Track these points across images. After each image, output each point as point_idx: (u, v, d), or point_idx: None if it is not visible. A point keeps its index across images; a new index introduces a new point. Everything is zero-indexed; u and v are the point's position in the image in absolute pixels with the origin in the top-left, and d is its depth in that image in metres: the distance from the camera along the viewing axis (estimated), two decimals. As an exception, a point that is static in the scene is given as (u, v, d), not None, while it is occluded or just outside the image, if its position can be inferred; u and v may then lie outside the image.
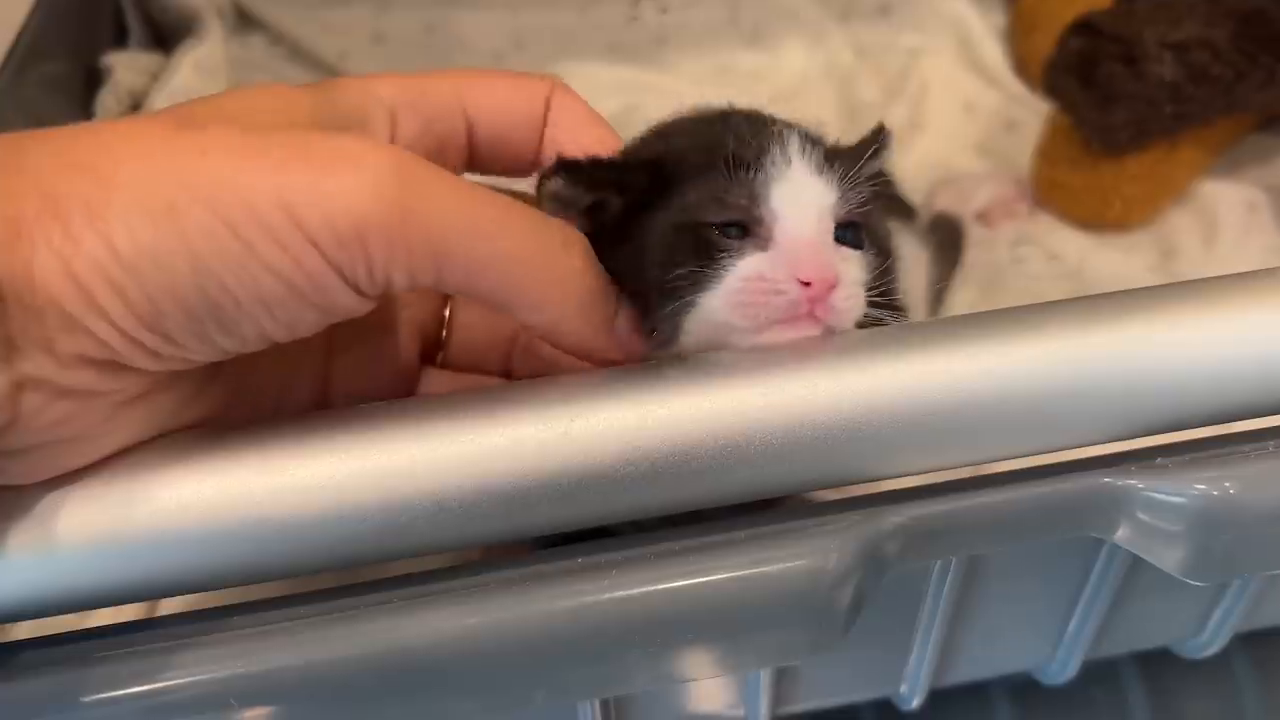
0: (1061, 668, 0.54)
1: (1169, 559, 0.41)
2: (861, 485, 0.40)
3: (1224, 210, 0.79)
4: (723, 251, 0.42)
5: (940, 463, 0.39)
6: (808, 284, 0.40)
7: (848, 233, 0.44)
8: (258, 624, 0.37)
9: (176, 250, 0.32)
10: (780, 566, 0.38)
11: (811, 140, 0.45)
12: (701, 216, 0.43)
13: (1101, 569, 0.48)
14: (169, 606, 0.46)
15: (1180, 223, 0.79)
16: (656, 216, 0.43)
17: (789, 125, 0.46)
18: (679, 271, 0.41)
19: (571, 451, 0.37)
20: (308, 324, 0.36)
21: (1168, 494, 0.40)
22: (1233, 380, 0.39)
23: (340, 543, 0.36)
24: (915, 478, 0.40)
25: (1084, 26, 0.76)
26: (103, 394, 0.34)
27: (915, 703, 0.54)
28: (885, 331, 0.40)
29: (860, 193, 0.44)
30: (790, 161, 0.43)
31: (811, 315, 0.41)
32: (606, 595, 0.37)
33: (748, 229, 0.42)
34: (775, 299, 0.41)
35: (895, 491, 0.40)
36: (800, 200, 0.43)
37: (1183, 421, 0.40)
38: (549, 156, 0.45)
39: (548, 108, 0.45)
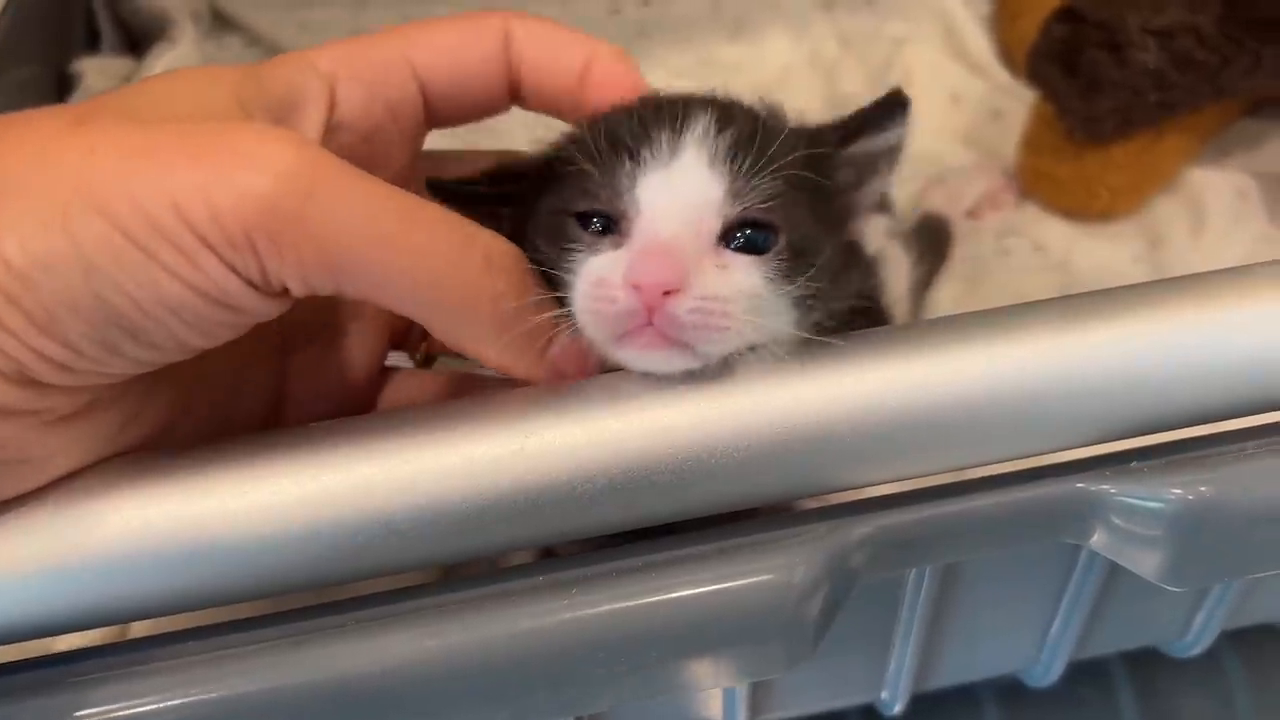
0: (1046, 670, 0.53)
1: (1146, 565, 0.40)
2: (829, 495, 0.40)
3: (1212, 198, 0.77)
4: (574, 244, 0.38)
5: (908, 471, 0.38)
6: (640, 289, 0.35)
7: (747, 235, 0.38)
8: (212, 649, 0.37)
9: (70, 258, 0.30)
10: (745, 582, 0.37)
11: (738, 127, 0.39)
12: (565, 205, 0.39)
13: (1082, 572, 0.47)
14: (139, 630, 0.45)
15: (1168, 211, 0.78)
16: (539, 210, 0.41)
17: (718, 108, 0.40)
18: (544, 269, 0.38)
19: (527, 469, 0.36)
20: (224, 327, 0.34)
21: (1143, 499, 0.39)
22: (1208, 381, 0.38)
23: (291, 567, 0.36)
24: (883, 487, 0.40)
25: (1067, 13, 0.75)
26: (29, 413, 0.33)
27: (897, 708, 0.53)
28: (850, 339, 0.39)
29: (769, 188, 0.38)
30: (677, 150, 0.38)
31: (658, 331, 0.35)
32: (568, 615, 0.36)
33: (613, 223, 0.38)
34: (610, 307, 0.36)
35: (862, 501, 0.39)
36: (672, 193, 0.38)
37: (1157, 424, 0.39)
38: (529, 95, 0.43)
39: (510, 43, 0.42)
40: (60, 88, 0.82)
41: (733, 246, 0.38)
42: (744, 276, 0.37)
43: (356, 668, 0.36)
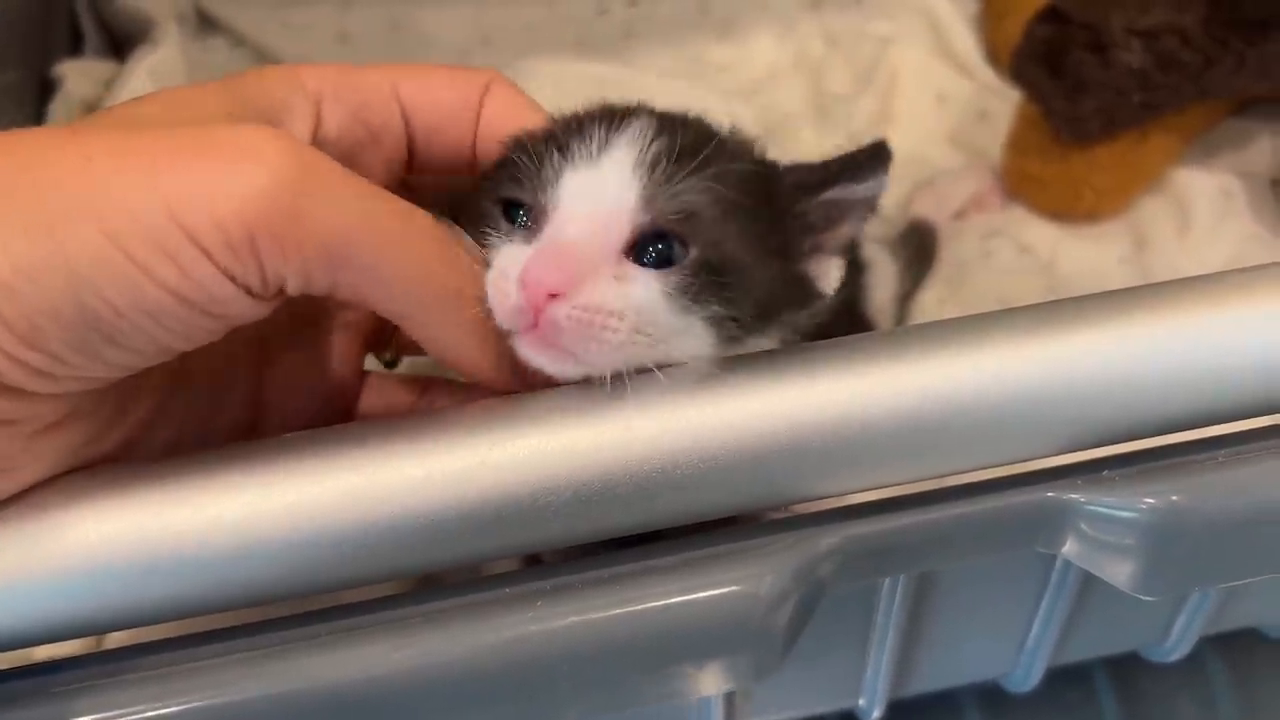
0: (1025, 676, 0.53)
1: (1118, 574, 0.40)
2: (797, 506, 0.39)
3: (1198, 198, 0.77)
4: (496, 232, 0.38)
5: (876, 482, 0.38)
6: (526, 287, 0.35)
7: (656, 247, 0.37)
8: (181, 661, 0.36)
9: (57, 268, 0.30)
10: (712, 593, 0.37)
11: (676, 138, 0.38)
12: (495, 192, 0.39)
13: (1058, 579, 0.47)
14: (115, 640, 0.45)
15: (1153, 212, 0.78)
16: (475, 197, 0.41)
17: (665, 119, 0.40)
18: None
19: (490, 481, 0.36)
20: (204, 331, 0.34)
21: (1114, 507, 0.39)
22: (1179, 389, 0.38)
23: (254, 580, 0.35)
24: (852, 496, 0.39)
25: (1051, 13, 0.75)
26: (16, 422, 0.33)
27: (875, 714, 0.53)
28: (817, 347, 0.39)
29: (687, 202, 0.37)
30: (606, 150, 0.38)
31: (541, 332, 0.35)
32: (533, 627, 0.36)
33: (533, 216, 0.38)
34: (505, 301, 0.36)
35: (831, 511, 0.39)
36: (589, 194, 0.37)
37: (1128, 433, 0.39)
38: (484, 146, 0.43)
39: (484, 100, 0.43)
40: (43, 93, 0.82)
41: (645, 260, 0.37)
42: (640, 290, 0.37)
43: (324, 678, 0.35)
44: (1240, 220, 0.77)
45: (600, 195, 0.37)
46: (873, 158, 0.41)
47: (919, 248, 0.76)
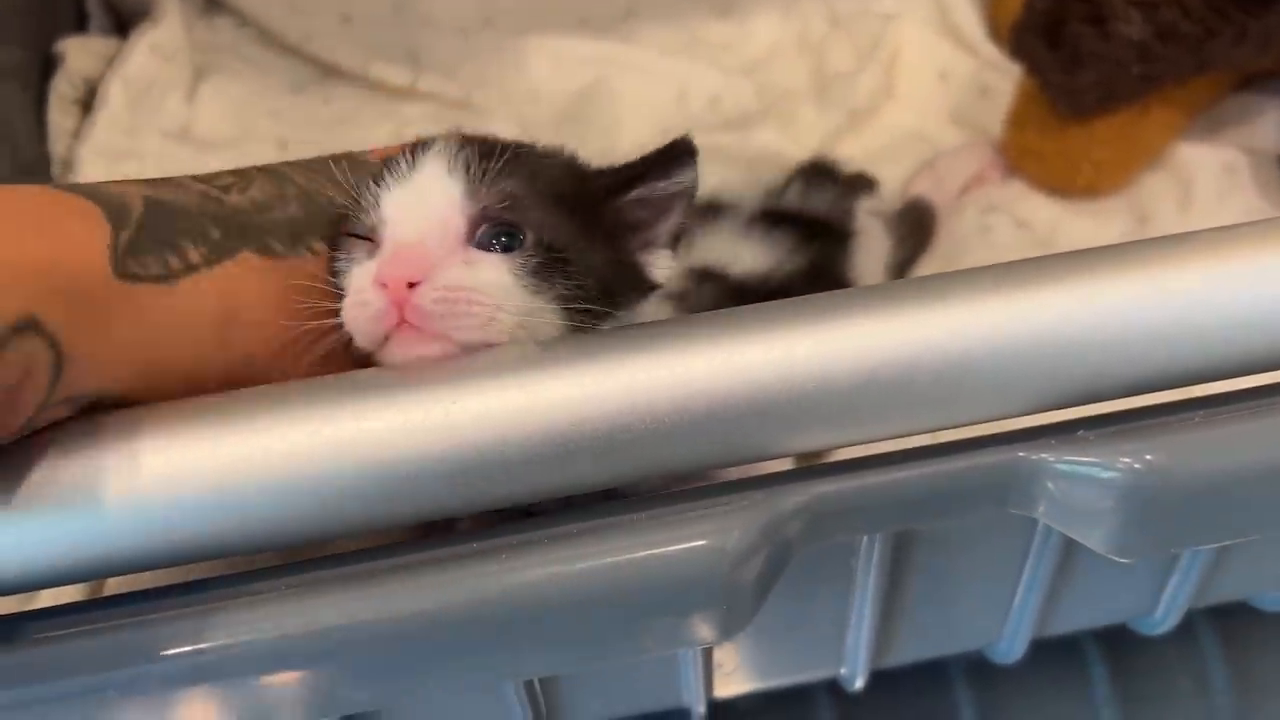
0: (1009, 647, 0.53)
1: (1094, 536, 0.39)
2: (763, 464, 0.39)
3: (1200, 173, 0.76)
4: (344, 259, 0.42)
5: (841, 440, 0.38)
6: (385, 285, 0.38)
7: (498, 237, 0.40)
8: (146, 613, 0.37)
9: None
10: (679, 547, 0.37)
11: (478, 146, 0.42)
12: (342, 229, 0.43)
13: (1039, 545, 0.47)
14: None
15: (1155, 187, 0.77)
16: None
17: (464, 136, 0.44)
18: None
19: (453, 436, 0.36)
20: None
21: (1089, 468, 0.38)
22: (1155, 348, 0.38)
23: (218, 533, 0.36)
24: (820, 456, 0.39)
25: (1052, -14, 0.74)
26: None
27: (858, 683, 0.52)
28: (787, 303, 0.38)
29: (507, 189, 0.41)
30: (418, 166, 0.41)
31: (411, 326, 0.38)
32: (499, 580, 0.36)
33: (371, 239, 0.42)
34: (366, 311, 0.39)
35: (799, 470, 0.39)
36: (413, 201, 0.41)
37: (1101, 392, 0.39)
38: None
39: None
40: (46, 70, 0.83)
41: (490, 247, 0.40)
42: (490, 270, 0.40)
43: (286, 629, 0.36)
44: (1244, 196, 0.76)
45: (423, 200, 0.41)
46: (674, 155, 0.43)
47: (915, 227, 0.76)
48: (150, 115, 0.84)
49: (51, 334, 0.36)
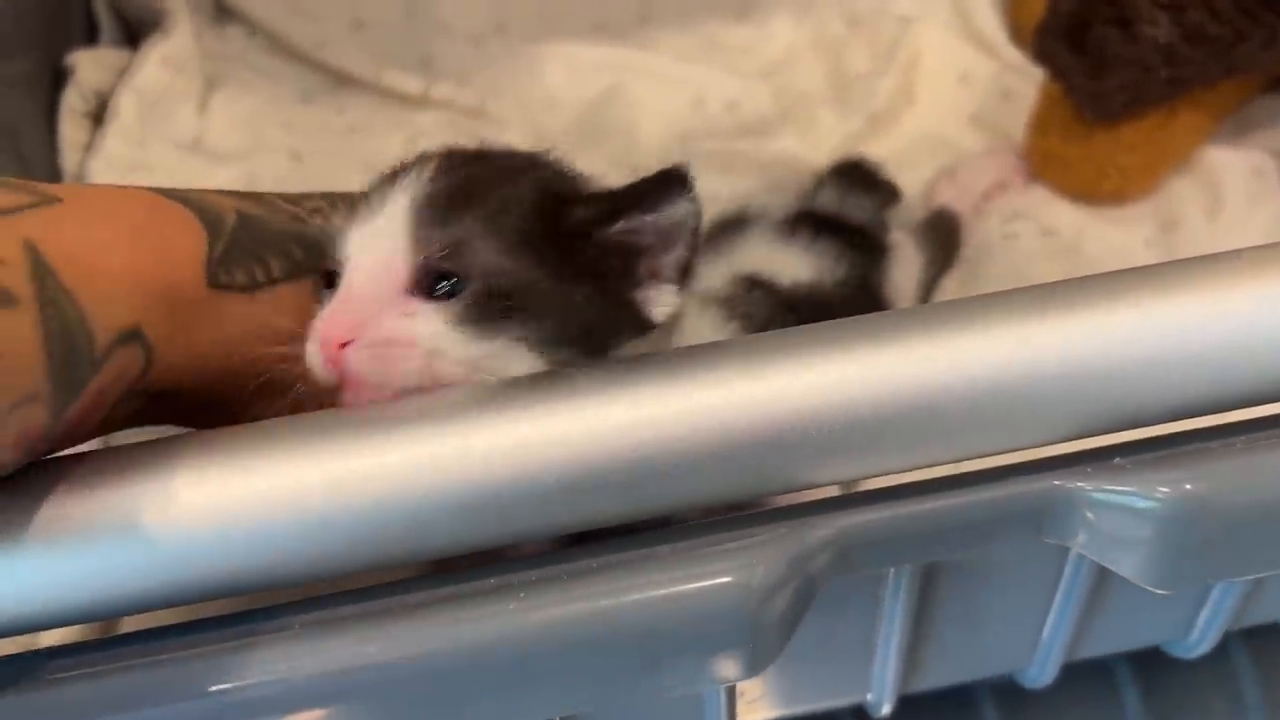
0: (1040, 671, 0.51)
1: (1130, 567, 0.38)
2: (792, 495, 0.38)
3: (1229, 178, 0.75)
4: (320, 304, 0.41)
5: (872, 470, 0.37)
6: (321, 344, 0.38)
7: (438, 281, 0.39)
8: (155, 652, 0.36)
9: None
10: (703, 585, 0.36)
11: (452, 177, 0.41)
12: (323, 265, 0.42)
13: (1071, 572, 0.45)
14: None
15: (1182, 192, 0.75)
16: None
17: (448, 160, 0.42)
18: None
19: (473, 469, 0.35)
20: None
21: (1126, 497, 0.37)
22: (1195, 373, 0.36)
23: (231, 570, 0.35)
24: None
25: (1076, -12, 0.72)
26: None
27: (885, 709, 0.51)
28: (814, 329, 0.37)
29: (458, 235, 0.39)
30: (385, 203, 0.40)
31: (351, 382, 0.38)
32: (515, 619, 0.35)
33: (338, 278, 0.41)
34: (314, 362, 0.39)
35: (827, 501, 0.38)
36: (367, 245, 0.40)
37: (1140, 418, 0.37)
38: None
39: None
40: (57, 82, 0.82)
41: (437, 294, 0.39)
42: (426, 320, 0.39)
43: (298, 670, 0.35)
44: (1274, 201, 0.74)
45: (373, 245, 0.40)
46: (663, 187, 0.40)
47: (942, 238, 0.74)
48: (162, 127, 0.83)
49: (148, 341, 0.38)
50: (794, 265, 0.61)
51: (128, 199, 0.41)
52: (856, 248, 0.63)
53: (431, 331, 0.39)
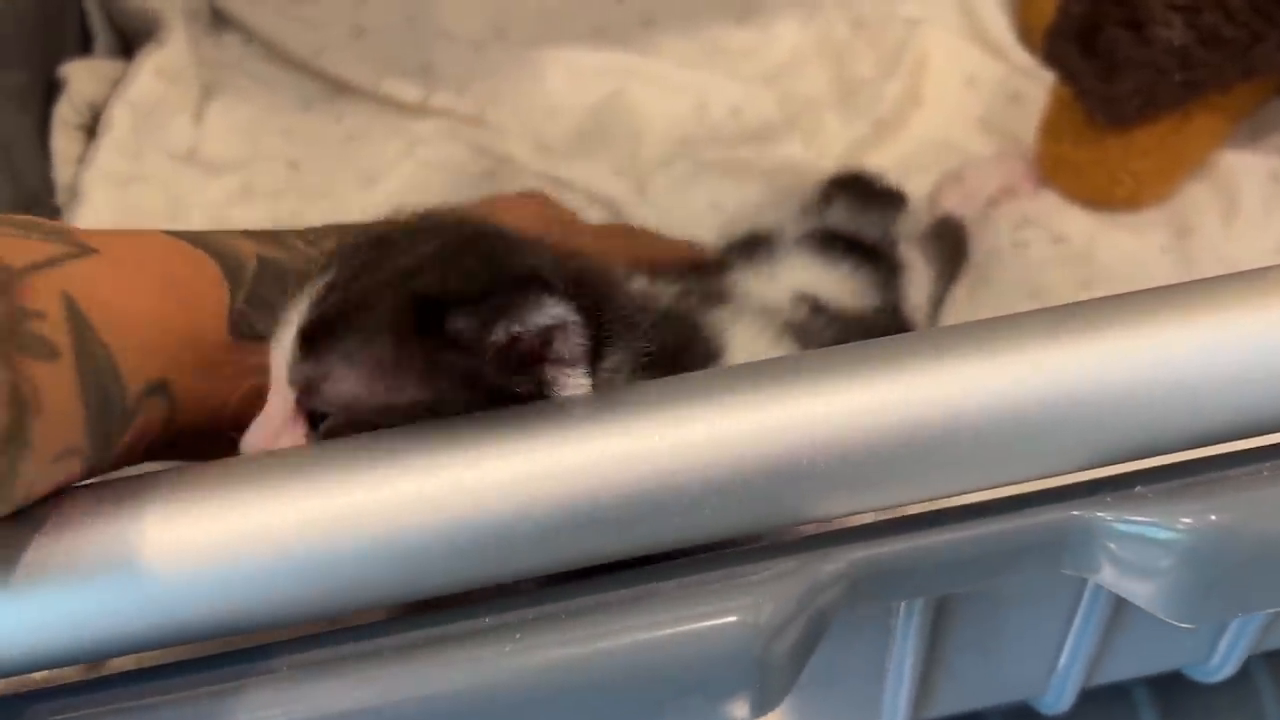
0: (1056, 699, 0.50)
1: (1152, 599, 0.37)
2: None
3: (1245, 182, 0.73)
4: None
5: (881, 503, 0.35)
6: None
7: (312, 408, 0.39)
8: (150, 693, 0.35)
9: None
10: (708, 624, 0.34)
11: (335, 297, 0.39)
12: None
13: (1090, 599, 0.44)
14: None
15: (1197, 198, 0.74)
16: None
17: (349, 265, 0.41)
18: None
19: (466, 504, 0.33)
20: None
21: (1147, 528, 0.36)
22: (1219, 397, 0.35)
23: (215, 611, 0.33)
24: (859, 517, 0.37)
25: (1087, -11, 0.71)
26: None
27: (897, 738, 0.50)
28: (815, 355, 0.36)
29: (316, 373, 0.39)
30: (289, 318, 0.40)
31: None
32: (512, 662, 0.34)
33: None
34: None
35: (836, 533, 0.36)
36: (275, 365, 0.40)
37: (1161, 446, 0.36)
38: None
39: None
40: (50, 93, 0.81)
41: (314, 420, 0.39)
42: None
43: (287, 714, 0.33)
44: (1291, 205, 0.73)
45: (278, 365, 0.40)
46: (519, 295, 0.37)
47: (949, 247, 0.72)
48: (156, 138, 0.82)
49: (173, 393, 0.39)
50: (841, 287, 0.60)
51: (158, 248, 0.42)
52: (881, 269, 0.62)
53: None
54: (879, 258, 0.64)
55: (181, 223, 0.79)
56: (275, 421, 0.40)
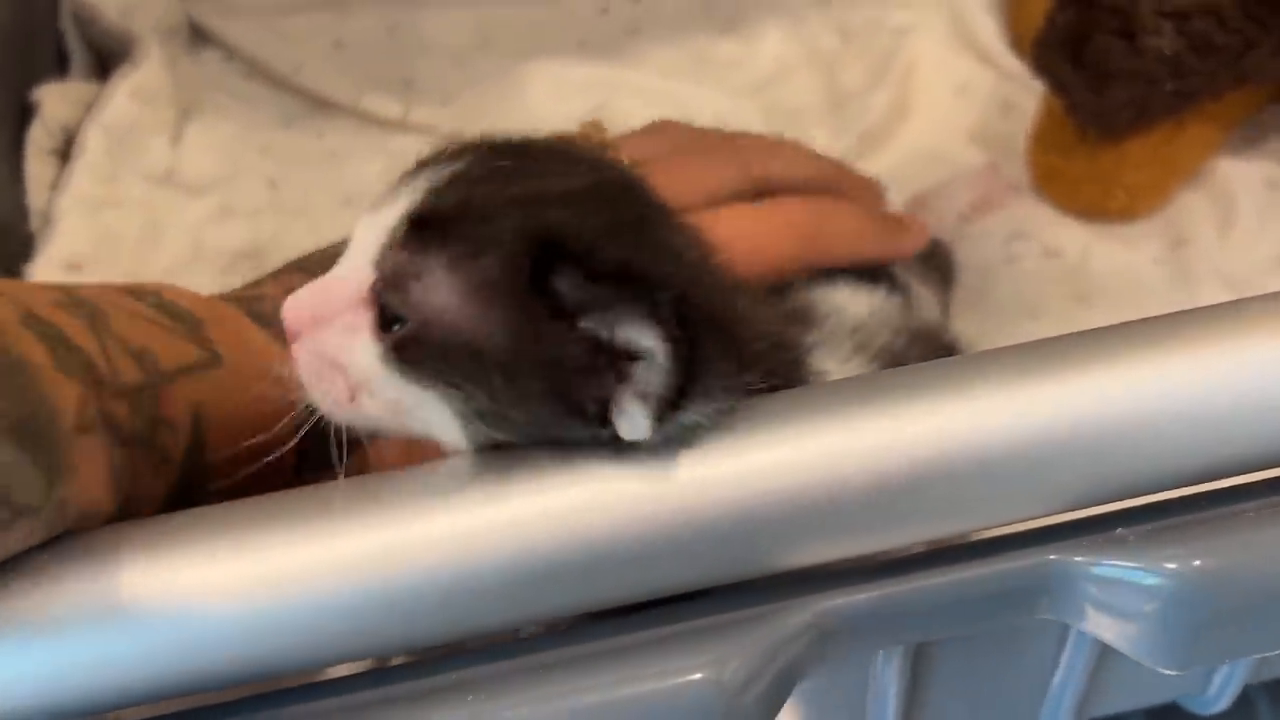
0: (1047, 735, 0.48)
1: (1135, 646, 0.35)
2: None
3: (1241, 191, 0.71)
4: None
5: (850, 551, 0.34)
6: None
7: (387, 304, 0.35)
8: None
9: None
10: (670, 683, 0.33)
11: (461, 189, 0.35)
12: None
13: (1076, 638, 0.42)
14: None
15: (1192, 207, 0.72)
16: None
17: (474, 165, 0.36)
18: None
19: (442, 556, 0.32)
20: None
21: (1129, 572, 0.34)
22: (1204, 435, 0.34)
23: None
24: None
25: (1075, -3, 0.69)
26: None
27: (880, 779, 0.48)
28: (785, 396, 0.34)
29: (410, 263, 0.34)
30: (393, 199, 0.36)
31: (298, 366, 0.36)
32: (467, 721, 0.32)
33: None
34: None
35: (805, 582, 0.35)
36: (360, 241, 0.36)
37: (1142, 486, 0.34)
38: None
39: None
40: (25, 117, 0.79)
41: (385, 318, 0.35)
42: (361, 348, 0.35)
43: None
44: (1288, 214, 0.71)
45: (365, 239, 0.36)
46: (618, 300, 0.33)
47: (938, 270, 0.70)
48: (132, 160, 0.80)
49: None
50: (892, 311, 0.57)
51: (258, 342, 0.43)
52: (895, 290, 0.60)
53: (361, 357, 0.35)
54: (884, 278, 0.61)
55: (158, 246, 0.78)
56: (335, 297, 0.35)
